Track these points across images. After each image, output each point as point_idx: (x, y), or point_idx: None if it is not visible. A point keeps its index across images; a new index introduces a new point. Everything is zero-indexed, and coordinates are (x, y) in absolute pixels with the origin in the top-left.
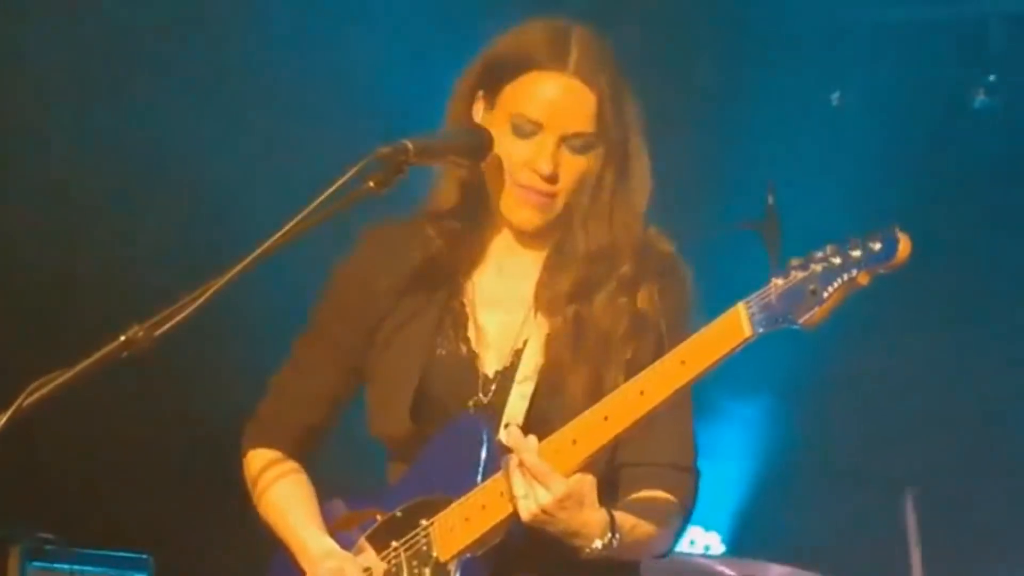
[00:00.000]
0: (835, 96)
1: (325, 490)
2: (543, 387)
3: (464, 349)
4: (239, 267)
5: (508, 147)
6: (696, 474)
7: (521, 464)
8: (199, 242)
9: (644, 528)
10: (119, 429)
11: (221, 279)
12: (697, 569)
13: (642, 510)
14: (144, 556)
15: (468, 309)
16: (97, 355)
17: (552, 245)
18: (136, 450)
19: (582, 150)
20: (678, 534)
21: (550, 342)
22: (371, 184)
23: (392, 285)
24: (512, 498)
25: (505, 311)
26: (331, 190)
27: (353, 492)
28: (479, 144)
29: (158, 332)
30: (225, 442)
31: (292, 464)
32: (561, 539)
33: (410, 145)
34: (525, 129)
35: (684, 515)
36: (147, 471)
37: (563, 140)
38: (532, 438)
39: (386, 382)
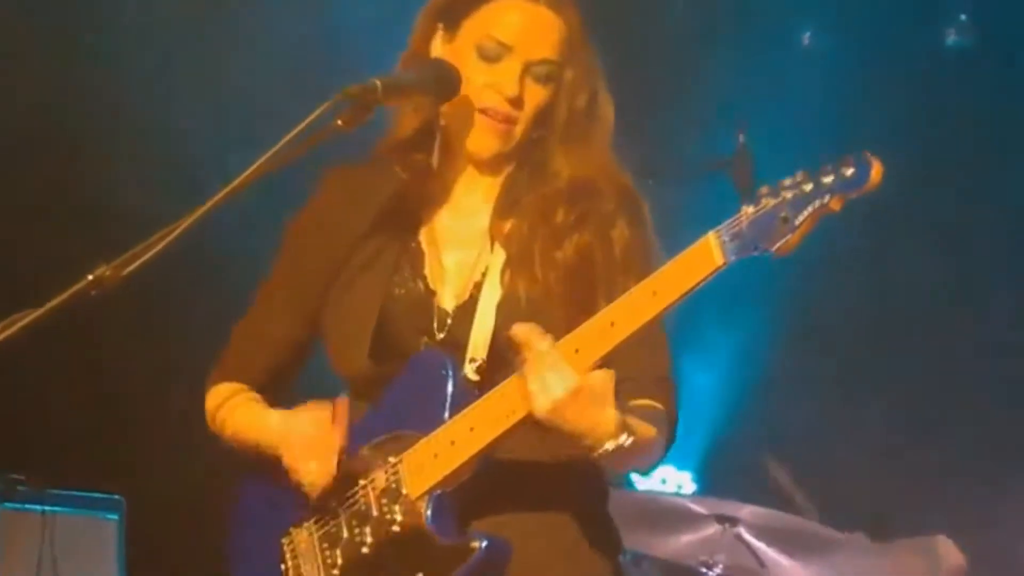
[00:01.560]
0: (806, 36)
1: None
2: (504, 319)
3: (421, 286)
4: (208, 205)
5: (471, 71)
6: (675, 384)
7: (533, 358)
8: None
9: (647, 430)
10: (91, 372)
11: (190, 217)
12: (669, 508)
13: (642, 415)
14: (116, 497)
15: (425, 247)
16: (65, 294)
17: (506, 178)
18: (108, 392)
19: (545, 80)
20: (669, 444)
21: (510, 274)
22: (340, 122)
23: (354, 226)
24: (526, 395)
25: (463, 247)
26: (299, 127)
27: None
28: (448, 82)
29: (126, 271)
30: (199, 384)
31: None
32: (573, 440)
33: (379, 83)
34: (492, 52)
35: (673, 424)
36: (119, 413)
37: (529, 67)
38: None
39: (345, 322)
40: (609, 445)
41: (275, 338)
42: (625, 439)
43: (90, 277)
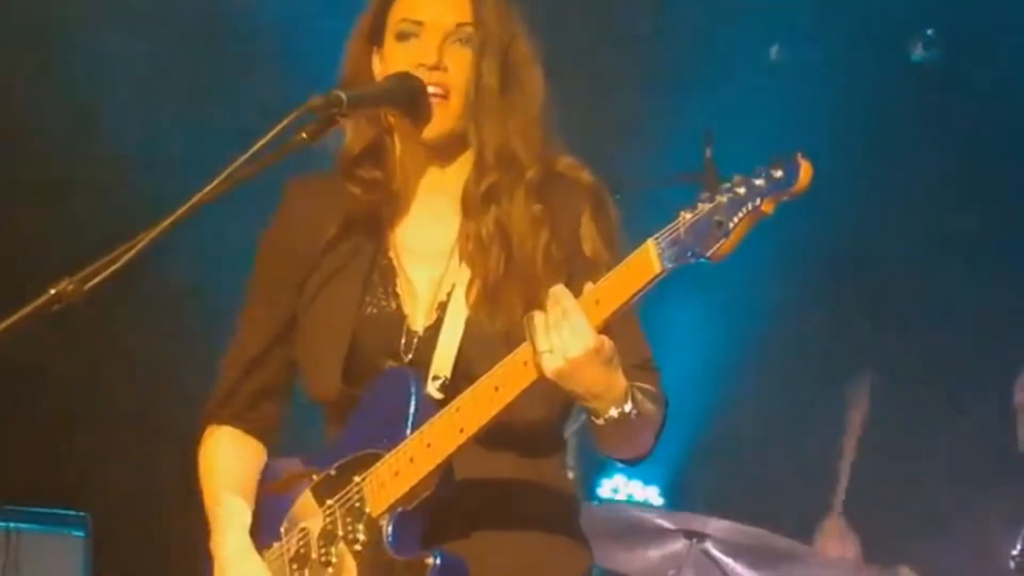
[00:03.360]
0: (774, 50)
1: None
2: (468, 339)
3: (393, 306)
4: (171, 219)
5: (395, 59)
6: (659, 372)
7: (552, 315)
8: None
9: (650, 406)
10: (57, 387)
11: (153, 231)
12: (637, 523)
13: (642, 391)
14: (82, 514)
15: (395, 263)
16: (27, 308)
17: (468, 181)
18: (74, 408)
19: (468, 42)
20: (662, 427)
21: (475, 293)
22: (303, 135)
23: (317, 238)
24: (535, 355)
25: (430, 263)
26: (263, 141)
27: (308, 453)
28: (413, 94)
29: (88, 285)
30: (166, 400)
31: (241, 434)
32: (583, 400)
33: (343, 96)
34: (407, 32)
35: (665, 408)
36: (86, 429)
37: (447, 35)
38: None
39: (316, 343)
40: (614, 412)
41: (258, 357)
42: (631, 409)
43: (52, 291)
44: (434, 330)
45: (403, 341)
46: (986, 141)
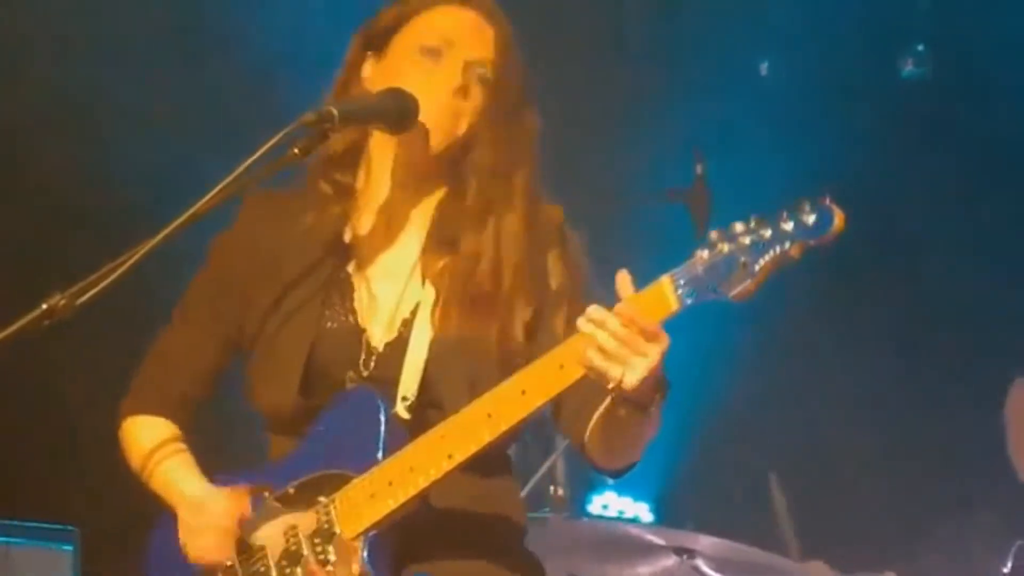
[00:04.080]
0: (763, 66)
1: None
2: (434, 359)
3: (352, 320)
4: (163, 234)
5: (414, 70)
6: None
7: (613, 338)
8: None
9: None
10: (46, 401)
11: (144, 246)
12: (627, 539)
13: None
14: (70, 528)
15: (355, 279)
16: (18, 323)
17: (439, 205)
18: (63, 422)
19: (481, 81)
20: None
21: (440, 313)
22: (295, 151)
23: (276, 250)
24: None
25: (392, 279)
26: (255, 156)
27: (228, 467)
28: (405, 110)
29: (80, 300)
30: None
31: (153, 420)
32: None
33: (335, 111)
34: (435, 48)
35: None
36: (73, 442)
37: (468, 65)
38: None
39: (273, 354)
40: (658, 395)
41: (194, 365)
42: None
43: (44, 307)
44: (395, 347)
45: (363, 356)
46: (978, 155)
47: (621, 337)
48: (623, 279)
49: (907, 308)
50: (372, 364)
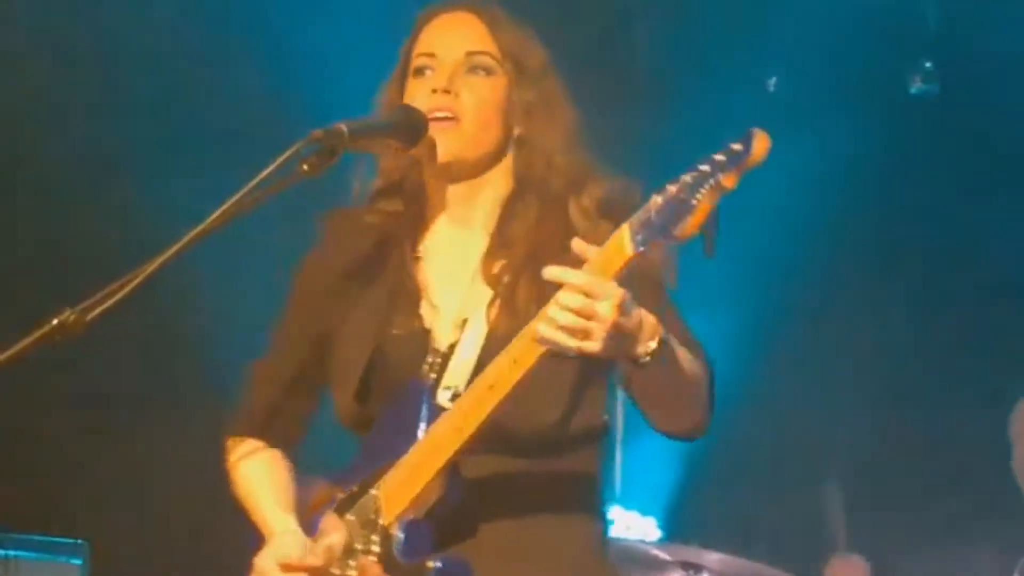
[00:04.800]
0: (771, 82)
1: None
2: (486, 354)
3: (418, 326)
4: (173, 250)
5: (413, 93)
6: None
7: (565, 305)
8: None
9: (684, 352)
10: (55, 413)
11: (155, 261)
12: (633, 554)
13: (678, 341)
14: (79, 542)
15: (420, 286)
16: (29, 339)
17: (505, 206)
18: (72, 434)
19: (484, 71)
20: (711, 399)
21: (495, 312)
22: (304, 167)
23: (346, 267)
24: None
25: (454, 286)
26: (264, 173)
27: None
28: (414, 126)
29: (91, 316)
30: (165, 429)
31: (269, 449)
32: (625, 351)
33: (344, 128)
34: (423, 66)
35: (712, 376)
36: (83, 455)
37: (458, 63)
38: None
39: (340, 367)
40: (652, 344)
41: (292, 379)
42: (660, 345)
43: (55, 322)
44: (456, 349)
45: (429, 360)
46: (987, 172)
47: (564, 303)
48: (578, 242)
49: (914, 325)
50: (437, 367)
